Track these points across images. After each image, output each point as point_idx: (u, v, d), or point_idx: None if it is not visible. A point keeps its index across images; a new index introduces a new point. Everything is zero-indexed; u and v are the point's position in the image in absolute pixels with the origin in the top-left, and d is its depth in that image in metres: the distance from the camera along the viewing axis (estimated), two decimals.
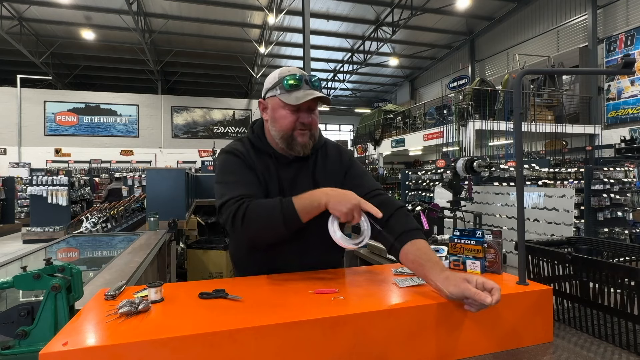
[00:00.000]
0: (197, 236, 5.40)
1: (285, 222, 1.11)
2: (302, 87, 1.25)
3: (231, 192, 1.19)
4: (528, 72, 1.19)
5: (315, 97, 1.23)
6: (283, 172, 1.31)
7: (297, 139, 1.27)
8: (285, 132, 1.27)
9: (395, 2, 14.51)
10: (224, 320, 0.82)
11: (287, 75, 1.26)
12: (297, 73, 1.27)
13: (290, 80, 1.24)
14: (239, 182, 1.23)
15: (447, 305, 0.93)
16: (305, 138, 1.28)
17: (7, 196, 10.97)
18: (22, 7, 14.25)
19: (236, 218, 1.13)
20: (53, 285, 0.99)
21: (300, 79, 1.25)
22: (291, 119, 1.25)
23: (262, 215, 1.13)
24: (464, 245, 1.20)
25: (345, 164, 1.39)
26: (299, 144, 1.27)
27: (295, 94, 1.24)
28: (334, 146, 1.44)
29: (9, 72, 18.48)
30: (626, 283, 0.98)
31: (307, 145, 1.29)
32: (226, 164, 1.29)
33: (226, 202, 1.17)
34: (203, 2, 14.07)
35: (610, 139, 11.83)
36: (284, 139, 1.28)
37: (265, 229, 1.14)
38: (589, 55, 12.32)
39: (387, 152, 15.63)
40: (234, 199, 1.16)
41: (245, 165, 1.28)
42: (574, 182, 6.63)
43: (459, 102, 10.98)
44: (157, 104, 20.46)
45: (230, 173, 1.26)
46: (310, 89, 1.26)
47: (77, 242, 3.18)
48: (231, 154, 1.31)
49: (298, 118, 1.26)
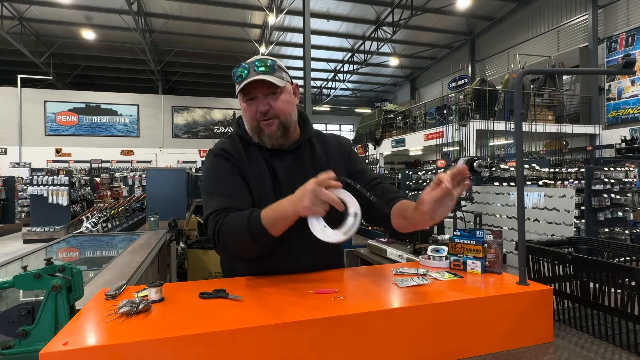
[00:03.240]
0: (198, 236, 5.40)
1: (253, 236, 1.05)
2: (250, 74, 1.16)
3: (211, 206, 1.16)
4: (528, 72, 1.19)
5: (262, 82, 1.15)
6: (277, 163, 1.25)
7: (263, 130, 1.21)
8: (251, 125, 1.23)
9: (396, 2, 14.51)
10: (224, 320, 0.82)
11: (236, 66, 1.21)
12: (247, 61, 1.20)
13: (237, 71, 1.19)
14: (218, 193, 1.19)
15: (447, 305, 0.93)
16: (273, 127, 1.21)
17: (8, 196, 10.97)
18: (22, 7, 14.26)
19: (214, 236, 1.11)
20: (53, 285, 0.99)
21: (246, 67, 1.18)
22: (251, 111, 1.21)
23: (232, 231, 1.09)
24: (464, 245, 1.20)
25: (347, 148, 1.37)
26: (265, 135, 1.22)
27: (242, 84, 1.17)
28: (330, 135, 1.42)
29: (9, 72, 18.50)
30: (626, 283, 0.98)
31: (274, 135, 1.21)
32: (211, 169, 1.24)
33: (209, 216, 1.15)
34: (203, 2, 14.08)
35: (611, 139, 11.82)
36: (252, 132, 1.24)
37: (237, 245, 1.10)
38: (590, 55, 12.31)
39: (388, 152, 15.63)
40: (213, 214, 1.14)
41: (231, 170, 1.22)
42: (575, 182, 6.62)
43: (459, 102, 10.98)
44: (157, 103, 20.47)
45: (213, 180, 1.22)
46: (257, 74, 1.16)
47: (78, 242, 3.18)
48: (219, 156, 1.25)
49: (257, 108, 1.20)
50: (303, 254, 1.22)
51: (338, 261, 1.40)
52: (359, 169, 1.33)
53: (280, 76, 1.20)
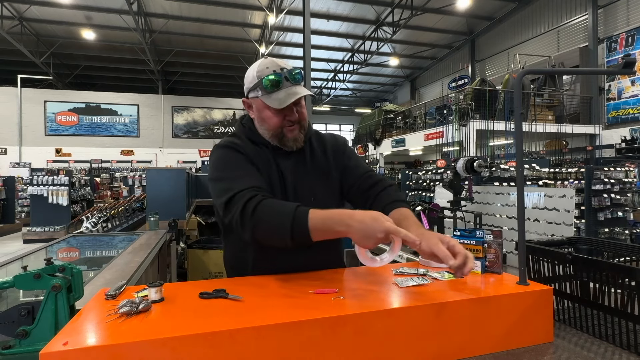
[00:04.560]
0: (198, 236, 5.40)
1: (293, 233, 1.03)
2: (283, 85, 1.18)
3: (240, 184, 1.11)
4: (528, 72, 1.19)
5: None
6: (282, 162, 1.27)
7: (287, 135, 1.24)
8: (275, 131, 1.24)
9: (396, 2, 14.51)
10: (224, 320, 0.82)
11: (265, 76, 1.18)
12: (275, 70, 1.19)
13: (269, 82, 1.17)
14: (246, 175, 1.16)
15: (447, 305, 0.93)
16: (295, 132, 1.25)
17: (8, 196, 10.97)
18: (22, 7, 14.26)
19: (245, 211, 1.06)
20: (53, 285, 0.99)
21: (280, 77, 1.17)
22: (278, 119, 1.22)
23: (273, 219, 1.06)
24: (464, 245, 1.20)
25: (342, 147, 1.40)
26: (289, 140, 1.25)
27: (277, 95, 1.18)
28: (327, 134, 1.45)
29: (9, 72, 18.50)
30: (626, 283, 0.98)
31: (299, 138, 1.27)
32: (226, 158, 1.21)
33: (235, 195, 1.09)
34: (203, 2, 14.08)
35: (611, 139, 11.83)
36: (274, 137, 1.26)
37: (271, 233, 1.07)
38: (590, 55, 12.31)
39: (388, 152, 15.64)
40: (247, 190, 1.09)
41: (245, 159, 1.21)
42: (575, 182, 6.62)
43: (459, 102, 10.98)
44: (157, 103, 20.48)
45: (234, 167, 1.19)
46: (292, 85, 1.19)
47: (78, 242, 3.18)
48: (230, 148, 1.23)
49: (285, 116, 1.22)
50: (306, 250, 1.20)
51: (341, 260, 1.43)
52: (353, 164, 1.37)
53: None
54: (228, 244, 1.35)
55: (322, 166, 1.32)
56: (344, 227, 0.98)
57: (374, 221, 0.95)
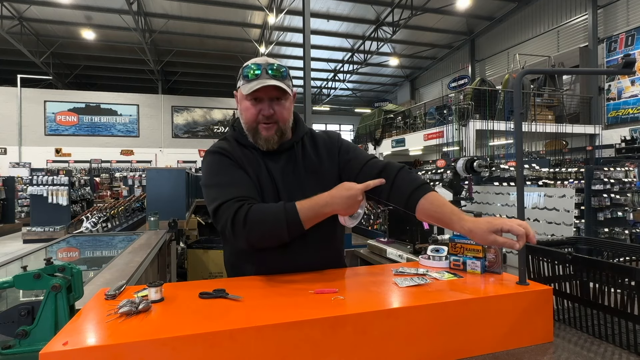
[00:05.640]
0: (198, 236, 5.40)
1: (289, 229, 1.09)
2: (261, 76, 1.18)
3: (226, 194, 1.15)
4: (528, 72, 1.19)
5: (273, 87, 1.17)
6: (271, 163, 1.26)
7: (260, 132, 1.23)
8: (249, 125, 1.24)
9: (396, 2, 14.51)
10: (224, 320, 0.83)
11: (248, 64, 1.21)
12: (259, 62, 1.20)
13: (248, 70, 1.19)
14: (233, 183, 1.18)
15: (447, 305, 0.93)
16: (270, 132, 1.23)
17: (8, 196, 10.97)
18: (22, 7, 14.26)
19: (236, 222, 1.10)
20: (53, 285, 0.99)
21: (259, 67, 1.18)
22: (253, 111, 1.21)
23: (265, 221, 1.10)
24: (464, 245, 1.20)
25: (336, 143, 1.37)
26: (262, 138, 1.23)
27: (252, 83, 1.18)
28: (321, 132, 1.43)
29: (9, 72, 18.49)
30: (626, 283, 0.98)
31: (271, 139, 1.24)
32: (215, 165, 1.23)
33: (221, 205, 1.13)
34: (203, 2, 14.08)
35: (611, 139, 11.83)
36: (249, 131, 1.25)
37: (267, 235, 1.11)
38: (590, 55, 12.31)
39: (388, 152, 15.63)
40: (232, 201, 1.12)
41: (236, 165, 1.22)
42: (574, 182, 6.62)
43: (459, 102, 10.99)
44: (157, 103, 20.47)
45: (222, 174, 1.21)
46: (269, 78, 1.18)
47: (78, 242, 3.18)
48: (219, 154, 1.24)
49: (260, 110, 1.21)
50: (306, 249, 1.23)
51: (341, 259, 1.42)
52: (352, 157, 1.33)
53: (289, 84, 1.23)
54: (228, 244, 1.36)
55: (313, 165, 1.31)
56: (329, 208, 1.11)
57: (348, 191, 1.10)
